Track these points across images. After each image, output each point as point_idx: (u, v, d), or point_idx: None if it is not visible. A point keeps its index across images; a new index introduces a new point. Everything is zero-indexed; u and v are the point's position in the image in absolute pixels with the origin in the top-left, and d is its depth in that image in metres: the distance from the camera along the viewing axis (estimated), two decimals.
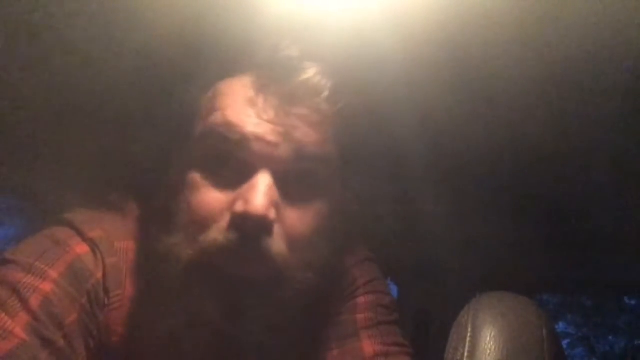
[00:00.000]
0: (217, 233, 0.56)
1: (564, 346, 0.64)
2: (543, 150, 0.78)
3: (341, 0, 0.59)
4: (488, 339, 0.55)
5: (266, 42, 0.58)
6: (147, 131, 0.67)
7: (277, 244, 0.57)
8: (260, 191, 0.55)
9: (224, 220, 0.56)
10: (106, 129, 0.73)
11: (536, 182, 0.90)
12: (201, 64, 0.62)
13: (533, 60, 0.61)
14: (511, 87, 0.66)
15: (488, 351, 0.54)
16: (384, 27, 0.59)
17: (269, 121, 0.57)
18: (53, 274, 0.58)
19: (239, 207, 0.55)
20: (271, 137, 0.57)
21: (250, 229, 0.55)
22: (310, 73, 0.58)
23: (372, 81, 0.64)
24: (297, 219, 0.59)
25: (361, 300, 0.69)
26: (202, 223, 0.57)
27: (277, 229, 0.57)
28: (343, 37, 0.59)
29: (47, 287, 0.57)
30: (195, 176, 0.59)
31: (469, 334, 0.56)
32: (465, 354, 0.55)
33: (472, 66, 0.64)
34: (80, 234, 0.62)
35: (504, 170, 0.86)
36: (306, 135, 0.58)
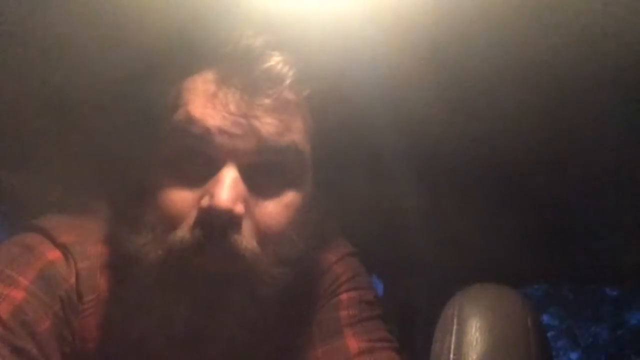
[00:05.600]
0: (185, 231, 0.55)
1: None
2: (521, 140, 0.77)
3: None
4: (474, 330, 0.55)
5: (230, 35, 0.57)
6: (114, 130, 0.65)
7: (245, 238, 0.56)
8: (226, 185, 0.54)
9: (191, 218, 0.55)
10: (74, 128, 0.71)
11: (515, 174, 0.90)
12: (165, 60, 0.60)
13: (519, 54, 0.60)
14: (488, 76, 0.65)
15: (474, 343, 0.54)
16: (362, 18, 0.58)
17: (231, 113, 0.56)
18: (24, 281, 0.57)
19: (205, 202, 0.54)
20: (234, 130, 0.56)
21: (216, 223, 0.54)
22: (272, 61, 0.57)
23: (347, 69, 0.63)
24: (268, 213, 0.58)
25: (344, 297, 0.68)
26: (171, 222, 0.56)
27: (246, 223, 0.56)
28: (317, 26, 0.58)
29: (18, 294, 0.56)
30: (162, 175, 0.58)
31: (454, 327, 0.56)
32: (452, 347, 0.54)
33: (454, 55, 0.63)
34: (51, 239, 0.61)
35: (484, 162, 0.85)
36: (271, 125, 0.57)
